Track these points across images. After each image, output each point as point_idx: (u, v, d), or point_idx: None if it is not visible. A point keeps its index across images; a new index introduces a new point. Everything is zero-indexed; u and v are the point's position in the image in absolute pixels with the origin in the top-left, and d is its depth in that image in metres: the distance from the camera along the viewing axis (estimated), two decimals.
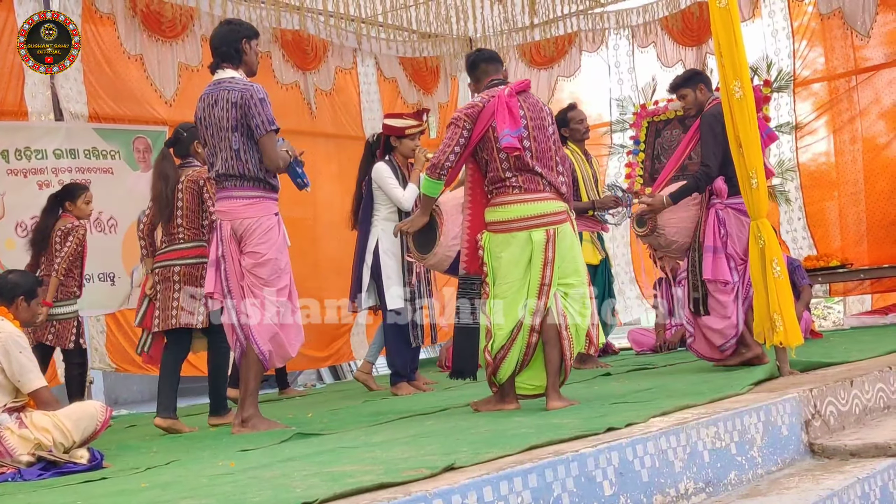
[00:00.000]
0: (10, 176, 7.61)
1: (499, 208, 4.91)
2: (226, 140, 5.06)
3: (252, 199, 5.09)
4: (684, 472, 3.60)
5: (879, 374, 5.12)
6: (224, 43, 5.15)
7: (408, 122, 6.96)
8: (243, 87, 5.05)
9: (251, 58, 5.23)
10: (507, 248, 4.87)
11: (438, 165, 4.89)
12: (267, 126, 5.02)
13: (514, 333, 4.85)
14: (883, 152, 9.67)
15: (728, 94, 5.20)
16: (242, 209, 5.08)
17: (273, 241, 5.10)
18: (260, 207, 5.10)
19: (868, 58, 9.73)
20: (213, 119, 5.10)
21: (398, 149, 6.95)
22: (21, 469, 4.35)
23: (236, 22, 5.38)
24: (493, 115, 4.87)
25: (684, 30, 10.63)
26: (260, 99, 5.03)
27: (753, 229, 5.24)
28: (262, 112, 5.01)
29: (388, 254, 6.80)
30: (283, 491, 3.01)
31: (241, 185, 5.09)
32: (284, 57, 9.77)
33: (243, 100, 5.01)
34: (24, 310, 4.96)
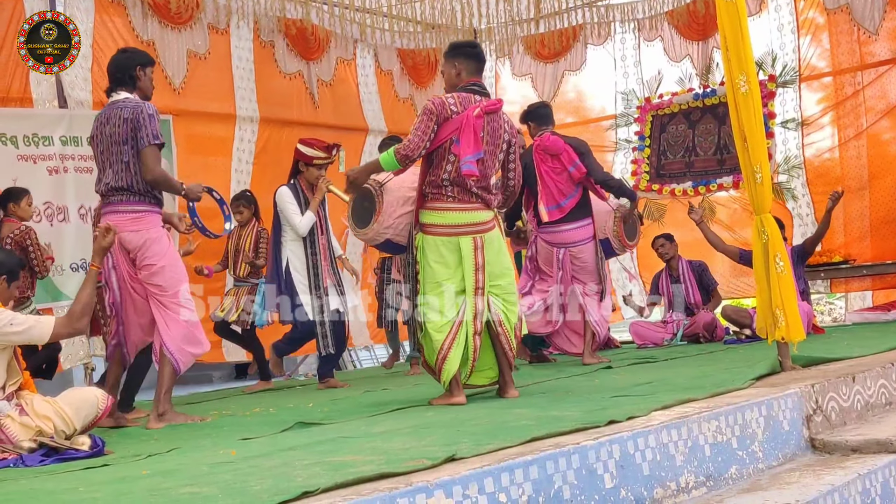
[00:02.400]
0: (21, 161, 7.62)
1: (433, 213, 5.18)
2: (116, 154, 5.34)
3: (138, 214, 5.36)
4: (685, 466, 3.60)
5: (881, 371, 5.12)
6: (119, 69, 5.48)
7: (317, 152, 7.30)
8: (135, 105, 5.35)
9: (145, 83, 5.52)
10: (436, 249, 5.15)
11: (409, 156, 5.09)
12: (150, 139, 5.28)
13: (450, 334, 5.09)
14: (888, 148, 9.65)
15: (733, 88, 5.19)
16: (128, 223, 5.33)
17: (163, 251, 5.39)
18: (145, 222, 5.38)
19: (874, 53, 9.71)
20: (104, 136, 5.40)
21: (304, 174, 7.32)
22: (23, 455, 4.35)
23: (131, 50, 5.78)
24: (458, 129, 5.07)
25: (690, 24, 10.60)
26: (149, 115, 5.31)
27: (757, 224, 5.23)
28: (148, 126, 5.29)
29: (299, 272, 7.17)
30: (284, 480, 3.01)
31: (127, 199, 5.35)
32: (288, 46, 9.77)
33: (134, 115, 5.30)
34: (4, 291, 4.94)
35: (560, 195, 6.99)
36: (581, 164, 6.94)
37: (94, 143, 5.50)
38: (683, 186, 9.53)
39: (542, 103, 7.66)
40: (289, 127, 9.56)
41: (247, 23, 9.41)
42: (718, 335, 8.71)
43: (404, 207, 5.31)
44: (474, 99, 5.17)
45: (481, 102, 5.15)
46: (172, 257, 5.45)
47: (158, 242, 5.38)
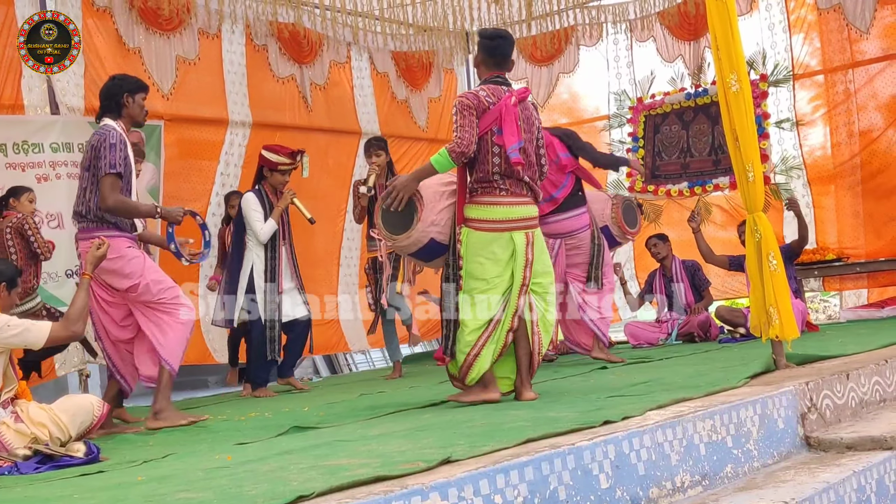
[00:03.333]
0: (9, 170, 7.60)
1: (484, 207, 4.99)
2: (80, 180, 5.50)
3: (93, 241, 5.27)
4: (680, 465, 3.61)
5: (875, 368, 5.13)
6: (107, 97, 5.59)
7: (282, 158, 7.43)
8: (102, 132, 5.44)
9: (133, 110, 5.60)
10: (487, 246, 4.97)
11: (465, 152, 4.88)
12: (107, 168, 5.33)
13: (485, 332, 4.96)
14: (880, 146, 9.66)
15: (724, 87, 5.19)
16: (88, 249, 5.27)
17: (137, 269, 5.44)
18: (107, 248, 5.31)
19: (864, 51, 9.72)
20: (81, 163, 5.58)
21: (269, 179, 7.47)
22: (18, 462, 4.35)
23: (121, 77, 5.79)
24: (497, 119, 4.93)
25: (681, 24, 10.61)
26: (111, 144, 5.40)
27: (750, 223, 5.24)
28: (107, 155, 5.34)
29: (262, 276, 7.30)
30: (279, 484, 3.01)
31: (87, 226, 5.45)
32: (281, 50, 9.76)
33: (98, 142, 5.40)
34: (5, 298, 4.94)
35: (552, 187, 6.91)
36: (564, 158, 6.89)
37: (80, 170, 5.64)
38: (679, 187, 9.51)
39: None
40: (282, 131, 9.55)
41: (239, 27, 9.40)
42: (713, 334, 8.72)
43: (444, 201, 5.09)
44: (503, 90, 5.05)
45: (512, 91, 5.05)
46: (150, 270, 5.51)
47: (127, 264, 5.44)
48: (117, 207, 5.38)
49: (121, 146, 5.39)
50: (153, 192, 8.45)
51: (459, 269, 5.02)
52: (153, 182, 8.44)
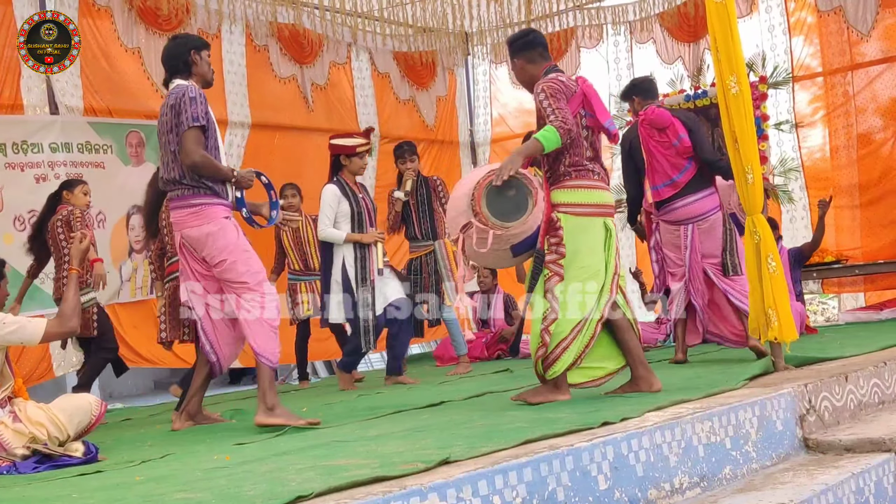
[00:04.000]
0: (8, 170, 7.60)
1: (580, 191, 4.83)
2: (165, 144, 5.06)
3: (194, 208, 5.00)
4: (679, 467, 3.61)
5: (874, 370, 5.13)
6: (172, 57, 5.16)
7: (358, 140, 7.19)
8: (179, 89, 5.03)
9: (202, 68, 5.19)
10: (585, 232, 4.80)
11: (570, 131, 4.72)
12: (190, 122, 4.92)
13: (578, 325, 4.75)
14: (878, 148, 9.67)
15: (724, 89, 5.19)
16: (186, 219, 5.02)
17: (226, 243, 4.99)
18: (203, 216, 5.00)
19: (864, 53, 9.73)
20: (159, 128, 5.11)
21: (348, 167, 7.18)
22: (16, 462, 4.35)
23: (183, 36, 5.45)
24: (583, 100, 4.88)
25: (681, 25, 10.62)
26: (191, 97, 4.96)
27: (749, 225, 5.24)
28: (188, 109, 4.93)
29: (352, 268, 7.06)
30: (278, 484, 3.01)
31: (181, 193, 5.02)
32: (282, 51, 9.78)
33: (176, 99, 4.98)
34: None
35: (673, 169, 6.41)
36: (685, 139, 6.42)
37: (158, 139, 5.20)
38: None
39: (647, 77, 7.24)
40: (281, 131, 9.56)
41: (238, 27, 9.40)
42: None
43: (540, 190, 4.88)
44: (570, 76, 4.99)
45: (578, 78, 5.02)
46: (242, 250, 5.02)
47: (222, 236, 4.98)
48: (203, 164, 4.93)
49: (201, 100, 4.98)
50: None
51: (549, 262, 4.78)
52: None
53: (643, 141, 6.52)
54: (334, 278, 7.08)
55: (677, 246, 6.49)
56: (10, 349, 4.82)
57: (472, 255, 4.90)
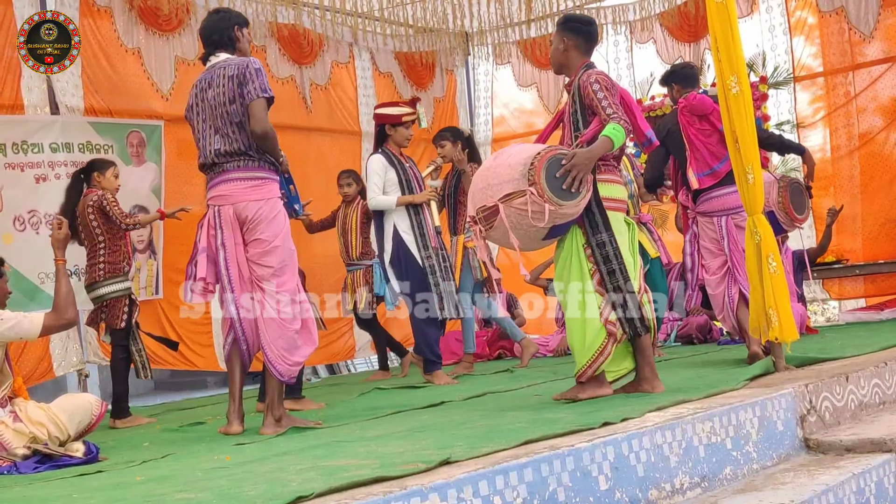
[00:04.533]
0: (8, 170, 7.59)
1: (610, 185, 4.85)
2: (223, 116, 4.88)
3: (256, 181, 4.87)
4: (680, 467, 3.61)
5: (875, 370, 5.13)
6: (216, 31, 5.03)
7: (404, 109, 7.02)
8: (240, 61, 4.91)
9: (244, 45, 5.09)
10: (618, 226, 4.83)
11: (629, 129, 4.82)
12: (259, 92, 4.83)
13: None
14: (879, 148, 9.66)
15: (725, 89, 5.19)
16: (246, 192, 4.84)
17: (280, 227, 4.85)
18: (265, 190, 4.88)
19: (865, 54, 9.72)
20: (206, 102, 4.95)
21: (393, 137, 7.00)
22: (17, 462, 4.35)
23: (225, 10, 5.32)
24: (621, 102, 4.89)
25: (681, 25, 10.60)
26: (256, 69, 4.86)
27: (750, 225, 5.24)
28: (255, 79, 4.84)
29: (407, 234, 6.83)
30: (278, 485, 3.01)
31: (245, 164, 4.87)
32: (280, 51, 9.76)
33: (240, 70, 4.85)
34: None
35: (713, 158, 6.28)
36: None
37: (193, 112, 5.04)
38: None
39: (687, 64, 7.12)
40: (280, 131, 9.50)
41: None
42: (712, 336, 8.72)
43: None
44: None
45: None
46: (289, 240, 4.89)
47: (277, 218, 4.85)
48: (273, 134, 4.87)
49: (264, 72, 4.90)
50: (156, 192, 8.44)
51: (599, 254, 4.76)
52: (156, 182, 8.43)
53: (683, 128, 6.39)
54: (386, 250, 6.89)
55: (715, 238, 6.37)
56: (11, 348, 4.82)
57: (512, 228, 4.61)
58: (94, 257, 6.48)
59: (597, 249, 4.76)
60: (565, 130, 5.02)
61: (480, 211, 4.66)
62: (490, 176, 4.69)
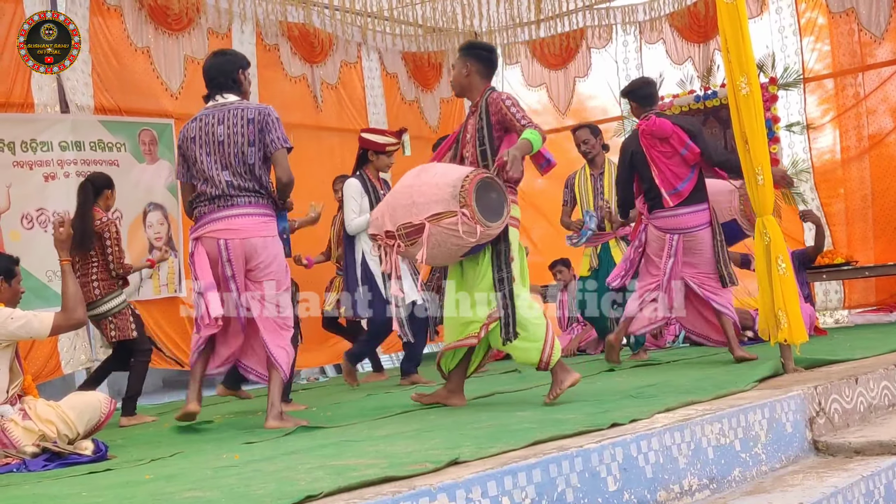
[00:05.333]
0: (16, 168, 7.61)
1: (514, 206, 5.13)
2: (238, 155, 5.07)
3: (265, 218, 5.14)
4: (688, 469, 3.60)
5: (885, 372, 5.12)
6: (222, 73, 5.27)
7: (389, 139, 7.27)
8: (259, 107, 5.18)
9: (246, 87, 5.37)
10: (514, 239, 5.11)
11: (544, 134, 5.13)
12: (282, 143, 5.11)
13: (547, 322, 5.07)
14: (890, 149, 9.63)
15: (734, 90, 5.19)
16: (256, 227, 5.09)
17: (282, 262, 5.20)
18: (272, 227, 5.18)
19: (875, 55, 9.69)
20: (214, 136, 5.12)
21: (374, 163, 7.29)
22: (26, 460, 4.36)
23: (230, 52, 5.61)
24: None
25: (691, 26, 10.58)
26: (276, 118, 5.15)
27: (759, 226, 5.24)
28: (278, 129, 5.12)
29: (374, 261, 7.06)
30: (287, 484, 3.01)
31: (257, 200, 5.12)
32: (292, 49, 9.78)
33: (261, 116, 5.10)
34: (6, 290, 4.96)
35: (676, 179, 6.52)
36: (693, 146, 6.46)
37: (196, 144, 5.17)
38: None
39: (646, 80, 7.23)
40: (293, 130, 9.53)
41: (249, 27, 9.41)
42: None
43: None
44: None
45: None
46: (287, 273, 5.28)
47: (279, 257, 5.19)
48: (292, 184, 5.15)
49: (281, 121, 5.21)
50: (172, 190, 8.45)
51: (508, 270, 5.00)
52: (171, 180, 8.44)
53: (646, 150, 6.57)
54: (356, 274, 7.16)
55: (660, 253, 6.62)
56: (20, 346, 4.84)
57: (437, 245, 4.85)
58: (85, 274, 6.46)
59: (494, 256, 5.01)
60: (465, 148, 5.26)
61: (403, 227, 4.87)
62: (415, 194, 4.87)
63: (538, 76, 11.61)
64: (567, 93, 11.39)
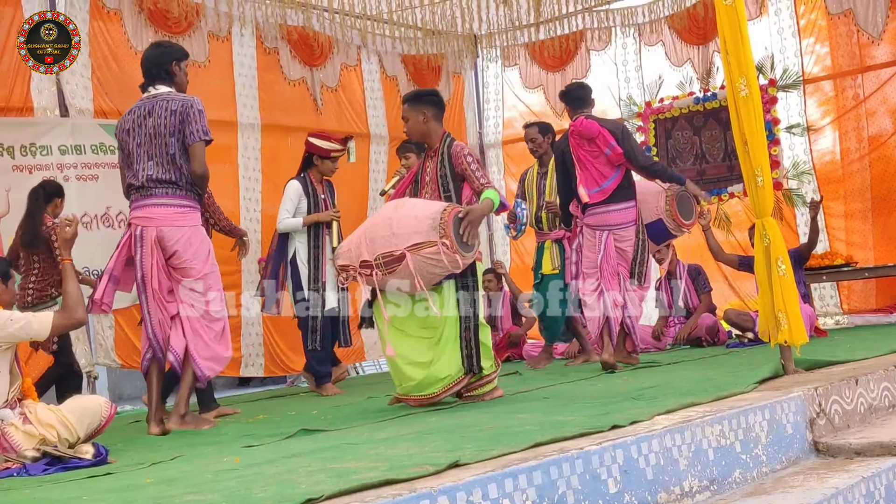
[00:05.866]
0: (16, 172, 7.61)
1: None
2: (160, 146, 5.27)
3: (183, 209, 5.30)
4: (689, 470, 3.60)
5: (885, 373, 5.12)
6: (155, 65, 5.44)
7: (334, 145, 7.38)
8: (183, 98, 5.34)
9: (181, 78, 5.50)
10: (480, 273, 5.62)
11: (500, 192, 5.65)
12: (201, 134, 5.27)
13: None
14: (889, 151, 9.63)
15: (734, 92, 5.19)
16: (174, 217, 5.26)
17: (205, 252, 5.35)
18: (190, 218, 5.33)
19: (874, 56, 9.69)
20: (144, 128, 5.31)
21: (318, 167, 7.39)
22: (26, 464, 4.35)
23: (166, 44, 5.73)
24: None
25: (690, 28, 10.58)
26: (199, 110, 5.32)
27: (759, 227, 5.24)
28: (199, 121, 5.27)
29: (304, 264, 7.22)
30: (287, 487, 3.01)
31: (173, 192, 5.29)
32: (292, 53, 9.79)
33: (183, 108, 5.27)
34: (3, 292, 4.97)
35: (601, 177, 6.88)
36: (617, 147, 6.79)
37: (129, 135, 5.37)
38: None
39: (579, 84, 7.51)
40: (292, 133, 9.55)
41: (248, 30, 9.41)
42: (721, 339, 8.72)
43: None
44: None
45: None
46: (212, 261, 5.39)
47: (203, 243, 5.36)
48: (206, 176, 5.34)
49: (205, 114, 5.34)
50: None
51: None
52: None
53: (573, 150, 6.97)
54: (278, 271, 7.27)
55: (593, 250, 6.98)
56: (19, 349, 4.83)
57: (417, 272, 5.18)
58: (25, 280, 6.64)
59: (462, 290, 5.40)
60: (425, 190, 5.63)
61: (382, 257, 5.20)
62: (395, 226, 5.23)
63: (536, 78, 11.61)
64: None
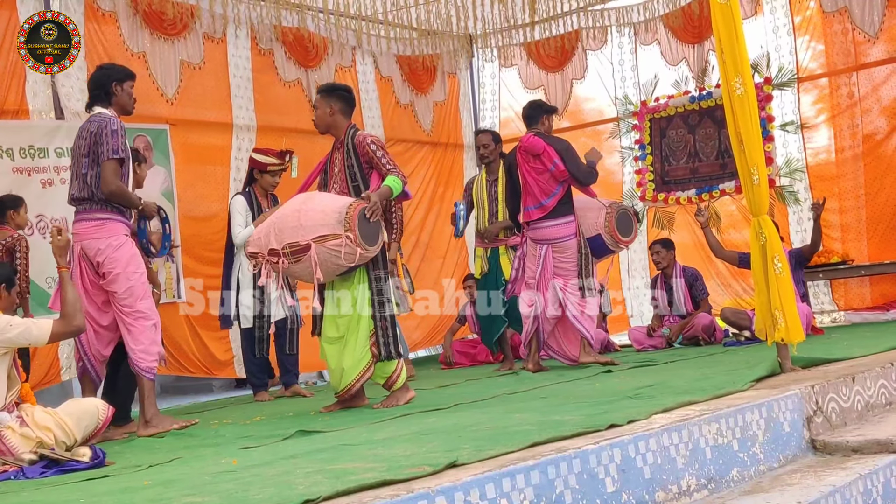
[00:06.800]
0: (16, 174, 7.61)
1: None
2: (78, 166, 5.56)
3: (99, 221, 5.51)
4: (686, 469, 3.61)
5: (881, 371, 5.13)
6: (96, 86, 5.67)
7: (270, 159, 7.53)
8: (102, 119, 5.52)
9: (122, 98, 5.69)
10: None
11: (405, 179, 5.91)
12: (109, 154, 5.43)
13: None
14: (884, 149, 9.63)
15: (729, 90, 5.20)
16: (91, 230, 5.50)
17: (124, 258, 5.51)
18: (107, 229, 5.52)
19: (869, 54, 9.70)
20: (75, 148, 5.63)
21: (259, 182, 7.54)
22: (24, 467, 4.35)
23: (108, 66, 5.93)
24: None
25: (686, 27, 10.59)
26: (112, 130, 5.47)
27: (754, 226, 5.24)
28: (109, 141, 5.44)
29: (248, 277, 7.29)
30: (285, 488, 3.01)
31: (88, 207, 5.52)
32: (287, 54, 9.78)
33: (98, 129, 5.48)
34: (4, 298, 4.97)
35: (542, 194, 7.21)
36: (560, 165, 7.10)
37: (72, 154, 5.72)
38: (688, 194, 9.62)
39: (531, 103, 7.76)
40: (288, 135, 9.55)
41: (243, 31, 9.41)
42: (717, 337, 8.72)
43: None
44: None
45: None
46: (134, 266, 5.55)
47: (119, 249, 5.50)
48: (118, 192, 5.49)
49: (121, 132, 5.50)
50: (167, 195, 8.45)
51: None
52: (166, 185, 8.45)
53: (519, 165, 7.31)
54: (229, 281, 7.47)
55: (534, 262, 7.28)
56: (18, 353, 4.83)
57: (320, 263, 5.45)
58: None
59: (374, 282, 5.74)
60: (334, 181, 5.92)
61: (289, 246, 5.48)
62: (302, 218, 5.50)
63: (536, 78, 11.62)
64: (564, 95, 11.40)
